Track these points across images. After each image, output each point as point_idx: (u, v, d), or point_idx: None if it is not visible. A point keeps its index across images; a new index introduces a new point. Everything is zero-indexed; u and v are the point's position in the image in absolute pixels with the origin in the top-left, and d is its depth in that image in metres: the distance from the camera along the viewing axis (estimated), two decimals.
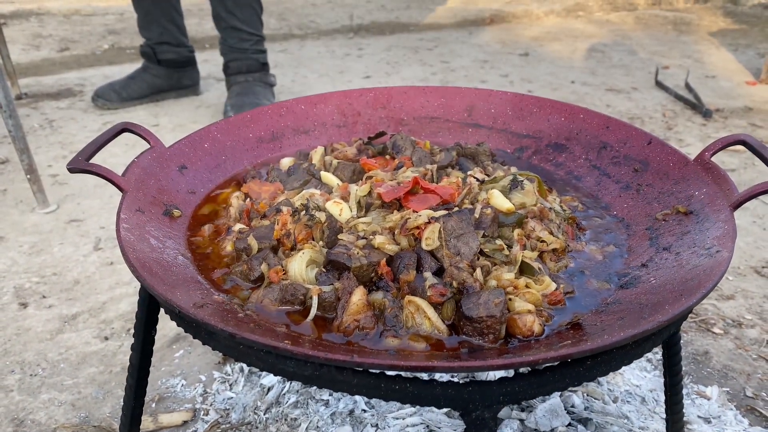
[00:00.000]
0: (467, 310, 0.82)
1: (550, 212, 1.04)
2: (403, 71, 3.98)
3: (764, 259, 2.04)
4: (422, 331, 0.83)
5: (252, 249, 0.94)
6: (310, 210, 0.97)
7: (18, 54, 4.07)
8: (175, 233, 0.99)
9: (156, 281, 0.79)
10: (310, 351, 0.68)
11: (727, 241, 0.94)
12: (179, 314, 0.74)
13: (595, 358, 0.79)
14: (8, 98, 2.13)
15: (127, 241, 0.86)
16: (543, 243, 0.98)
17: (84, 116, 3.17)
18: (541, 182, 1.10)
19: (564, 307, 0.90)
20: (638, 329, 0.76)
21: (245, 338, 0.68)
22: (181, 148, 1.14)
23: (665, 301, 0.86)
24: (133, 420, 1.08)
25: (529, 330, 0.83)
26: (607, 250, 1.05)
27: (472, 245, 0.89)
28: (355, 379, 0.71)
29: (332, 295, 0.85)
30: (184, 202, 1.07)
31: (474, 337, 0.82)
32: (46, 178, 2.51)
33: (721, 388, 1.54)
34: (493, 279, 0.89)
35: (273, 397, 1.49)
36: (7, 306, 1.82)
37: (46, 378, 1.57)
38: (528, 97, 1.41)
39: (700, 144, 2.96)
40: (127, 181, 0.99)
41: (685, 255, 0.98)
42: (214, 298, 0.86)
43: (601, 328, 0.86)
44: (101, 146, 1.03)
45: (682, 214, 1.07)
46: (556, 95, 3.57)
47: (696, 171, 1.11)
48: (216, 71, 3.83)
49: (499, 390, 0.74)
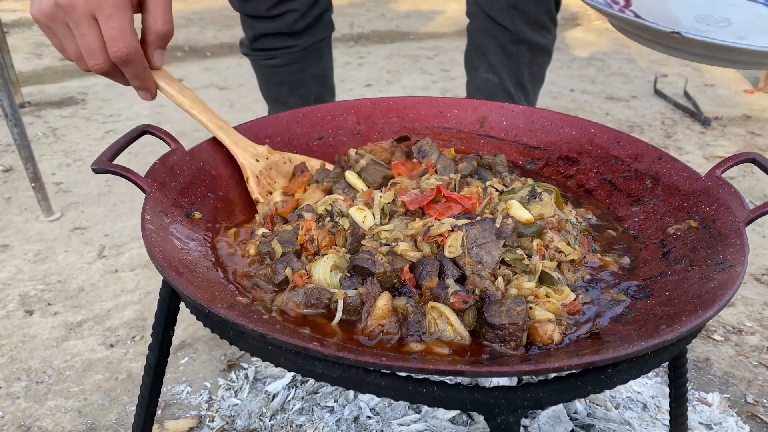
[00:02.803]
0: (490, 318, 0.83)
1: (567, 224, 1.05)
2: (403, 80, 4.01)
3: (764, 267, 2.06)
4: (445, 336, 0.84)
5: (276, 253, 0.95)
6: (334, 217, 0.98)
7: (21, 62, 4.08)
8: (197, 235, 1.00)
9: (184, 281, 0.80)
10: (341, 353, 0.68)
11: (740, 256, 0.95)
12: (208, 314, 0.75)
13: (615, 367, 0.80)
14: (13, 107, 2.13)
15: (153, 241, 0.87)
16: (561, 253, 0.99)
17: (87, 124, 3.18)
18: (558, 194, 1.11)
19: (582, 317, 0.92)
20: (658, 339, 0.77)
21: (276, 338, 0.69)
22: (200, 152, 1.16)
23: (681, 313, 0.87)
24: (147, 420, 1.08)
25: (550, 338, 0.84)
26: (622, 261, 1.06)
27: (494, 254, 0.91)
28: (383, 381, 0.72)
29: (357, 300, 0.86)
30: (205, 204, 1.08)
31: (496, 343, 0.83)
32: (50, 186, 2.51)
33: (722, 394, 1.56)
34: (514, 287, 0.90)
35: (278, 404, 1.49)
36: (12, 313, 1.81)
37: (52, 385, 1.56)
38: (539, 111, 1.43)
39: (699, 152, 2.99)
40: (150, 182, 1.00)
41: (698, 269, 0.99)
42: (238, 299, 0.87)
43: (620, 338, 0.87)
44: (123, 147, 1.05)
45: (694, 229, 1.09)
46: (556, 103, 3.60)
47: (707, 187, 1.13)
48: (218, 80, 3.84)
49: (523, 395, 0.75)
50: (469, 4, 2.21)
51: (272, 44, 2.16)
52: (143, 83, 1.12)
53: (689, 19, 1.32)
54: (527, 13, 2.06)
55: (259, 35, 2.14)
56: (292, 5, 2.06)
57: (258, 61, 2.24)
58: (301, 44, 2.16)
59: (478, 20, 2.18)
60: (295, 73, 2.22)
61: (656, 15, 1.33)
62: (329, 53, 2.33)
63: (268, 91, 2.32)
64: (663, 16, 1.33)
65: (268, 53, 2.18)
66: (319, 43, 2.21)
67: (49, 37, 1.06)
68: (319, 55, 2.25)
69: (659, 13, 1.34)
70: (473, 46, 2.25)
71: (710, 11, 1.35)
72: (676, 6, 1.38)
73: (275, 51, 2.17)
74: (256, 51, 2.20)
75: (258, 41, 2.17)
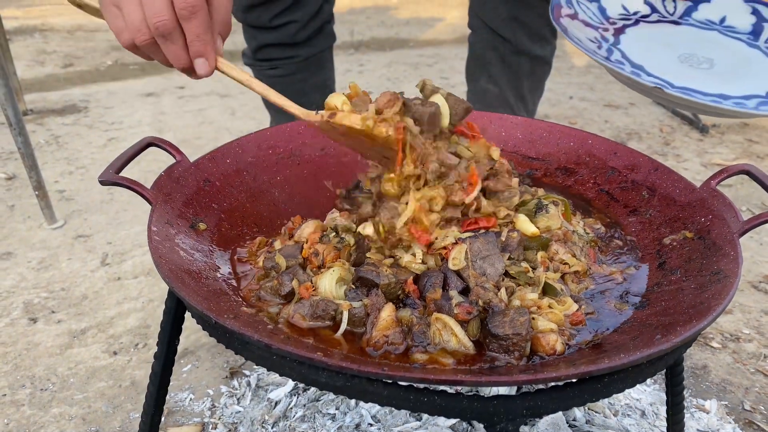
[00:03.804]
0: (494, 328, 0.85)
1: (573, 235, 1.07)
2: (403, 87, 4.03)
3: (761, 274, 2.08)
4: (449, 347, 0.86)
5: (280, 267, 0.98)
6: (340, 233, 1.01)
7: (23, 70, 4.10)
8: (202, 246, 1.02)
9: (190, 292, 0.82)
10: (344, 363, 0.70)
11: (734, 267, 0.97)
12: (214, 324, 0.77)
13: (612, 376, 0.82)
14: (18, 116, 2.15)
15: (159, 252, 0.89)
16: (565, 265, 1.01)
17: (89, 132, 3.20)
18: (567, 205, 1.14)
19: (584, 327, 0.94)
20: (654, 349, 0.79)
21: (281, 349, 0.71)
22: (205, 163, 1.18)
23: (676, 323, 0.89)
24: (152, 428, 1.10)
25: (552, 348, 0.86)
26: (628, 272, 1.08)
27: (497, 266, 0.93)
28: (385, 390, 0.74)
29: (362, 311, 0.88)
30: (209, 215, 1.11)
31: (500, 353, 0.85)
32: (53, 193, 2.53)
33: (720, 401, 1.58)
34: (517, 299, 0.92)
35: (280, 411, 1.51)
36: (17, 321, 1.83)
37: (56, 392, 1.58)
38: (538, 122, 1.45)
39: (697, 159, 3.02)
40: (156, 194, 1.02)
41: (693, 279, 1.01)
42: (243, 309, 0.89)
43: (616, 347, 0.89)
44: (129, 159, 1.07)
45: (689, 240, 1.11)
46: (555, 111, 3.63)
47: (702, 198, 1.15)
48: (220, 87, 3.87)
49: (522, 404, 0.77)
50: (471, 16, 2.24)
51: (274, 54, 2.19)
52: (204, 47, 0.99)
53: (673, 60, 1.37)
54: (528, 25, 2.09)
55: (262, 46, 2.17)
56: (294, 16, 2.09)
57: (260, 71, 2.26)
58: (302, 54, 2.19)
59: (480, 32, 2.21)
60: (296, 83, 2.24)
61: (643, 55, 1.38)
62: (331, 63, 2.36)
63: None
64: (650, 56, 1.38)
65: (270, 63, 2.21)
66: (320, 53, 2.24)
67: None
68: (320, 65, 2.28)
69: (646, 53, 1.39)
70: (474, 56, 2.28)
71: (694, 50, 1.39)
72: (662, 44, 1.43)
73: (277, 61, 2.20)
74: (259, 61, 2.23)
75: (260, 51, 2.20)
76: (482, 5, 2.16)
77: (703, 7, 1.50)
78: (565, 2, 1.42)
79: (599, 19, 1.45)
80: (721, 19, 1.48)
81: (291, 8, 2.08)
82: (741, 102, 1.26)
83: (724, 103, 1.23)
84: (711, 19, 1.49)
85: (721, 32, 1.46)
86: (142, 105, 3.62)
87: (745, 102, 1.26)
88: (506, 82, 2.20)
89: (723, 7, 1.49)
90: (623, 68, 1.28)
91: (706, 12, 1.50)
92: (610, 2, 1.48)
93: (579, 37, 1.35)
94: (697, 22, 1.49)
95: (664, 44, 1.42)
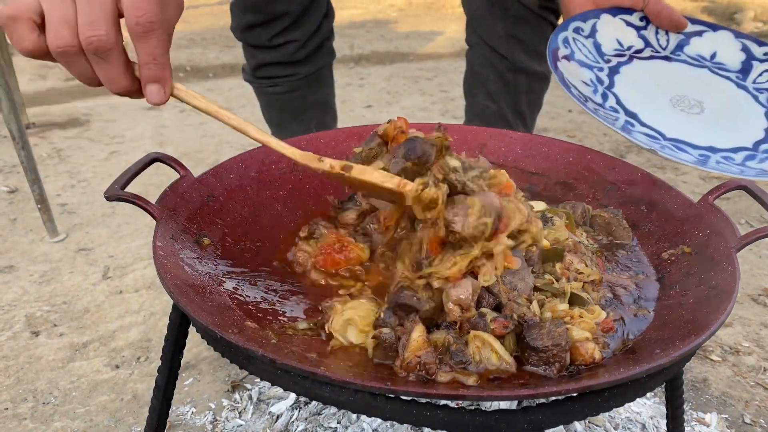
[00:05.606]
0: (532, 341, 0.85)
1: (580, 246, 1.09)
2: (403, 101, 4.06)
3: (760, 287, 2.09)
4: (490, 365, 0.85)
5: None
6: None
7: (25, 84, 4.13)
8: (206, 261, 1.03)
9: (195, 307, 0.83)
10: (347, 378, 0.71)
11: (731, 282, 0.98)
12: (219, 339, 0.78)
13: (611, 390, 0.83)
14: (21, 130, 2.17)
15: (164, 268, 0.90)
16: (581, 275, 1.03)
17: (91, 146, 3.23)
18: (570, 217, 1.15)
19: (614, 334, 0.95)
20: (653, 364, 0.80)
21: (286, 364, 0.72)
22: (209, 179, 1.19)
23: (675, 338, 0.91)
24: None
25: (591, 357, 0.87)
26: (638, 279, 1.10)
27: (528, 280, 0.94)
28: (388, 405, 0.75)
29: (392, 336, 0.87)
30: (213, 230, 1.12)
31: (540, 366, 0.85)
32: (55, 207, 2.54)
33: (720, 414, 1.59)
34: (548, 311, 0.93)
35: (282, 425, 1.51)
36: (19, 334, 1.84)
37: (58, 406, 1.58)
38: (537, 137, 1.47)
39: (695, 172, 3.03)
40: (160, 209, 1.03)
41: (691, 294, 1.02)
42: (246, 324, 0.90)
43: (616, 361, 0.90)
44: (135, 175, 1.08)
45: (687, 255, 1.12)
46: (554, 124, 3.65)
47: (700, 214, 1.16)
48: (220, 101, 3.87)
49: (523, 418, 0.77)
50: (468, 32, 2.26)
51: (274, 73, 2.21)
52: (162, 71, 0.88)
53: (666, 104, 1.40)
54: (526, 42, 2.11)
55: (261, 64, 2.20)
56: (293, 35, 2.11)
57: (260, 88, 2.29)
58: (302, 72, 2.21)
59: (477, 48, 2.23)
60: (296, 100, 2.26)
61: (637, 99, 1.41)
62: (331, 79, 2.38)
63: (270, 116, 2.37)
64: (643, 100, 1.41)
65: (269, 81, 2.23)
66: (320, 70, 2.26)
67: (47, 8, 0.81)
68: (320, 82, 2.30)
69: (640, 96, 1.42)
70: (472, 73, 2.30)
71: (685, 91, 1.42)
72: (654, 85, 1.46)
73: (277, 79, 2.22)
74: (258, 78, 2.25)
75: (260, 70, 2.22)
76: (480, 22, 2.18)
77: (695, 41, 1.53)
78: (562, 42, 1.44)
79: (595, 57, 1.47)
80: (712, 54, 1.52)
81: (290, 28, 2.10)
82: (729, 156, 1.29)
83: (709, 163, 1.26)
84: (702, 54, 1.52)
85: (711, 70, 1.50)
86: (143, 118, 3.65)
87: (733, 156, 1.29)
88: (504, 99, 2.22)
89: (714, 42, 1.52)
90: (615, 123, 1.31)
91: (698, 46, 1.53)
92: (605, 38, 1.51)
93: (575, 83, 1.38)
94: (689, 57, 1.52)
95: (656, 85, 1.46)
